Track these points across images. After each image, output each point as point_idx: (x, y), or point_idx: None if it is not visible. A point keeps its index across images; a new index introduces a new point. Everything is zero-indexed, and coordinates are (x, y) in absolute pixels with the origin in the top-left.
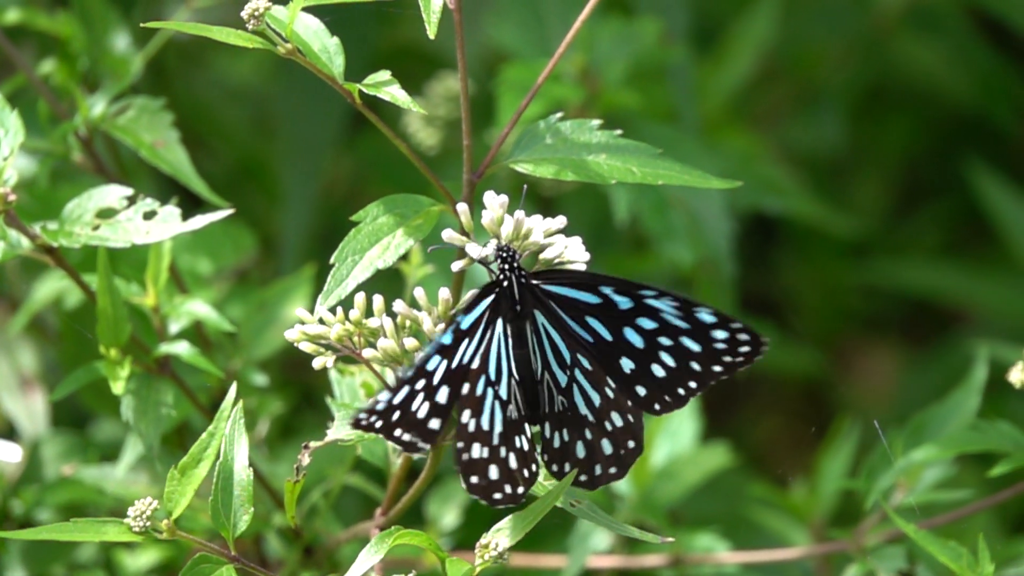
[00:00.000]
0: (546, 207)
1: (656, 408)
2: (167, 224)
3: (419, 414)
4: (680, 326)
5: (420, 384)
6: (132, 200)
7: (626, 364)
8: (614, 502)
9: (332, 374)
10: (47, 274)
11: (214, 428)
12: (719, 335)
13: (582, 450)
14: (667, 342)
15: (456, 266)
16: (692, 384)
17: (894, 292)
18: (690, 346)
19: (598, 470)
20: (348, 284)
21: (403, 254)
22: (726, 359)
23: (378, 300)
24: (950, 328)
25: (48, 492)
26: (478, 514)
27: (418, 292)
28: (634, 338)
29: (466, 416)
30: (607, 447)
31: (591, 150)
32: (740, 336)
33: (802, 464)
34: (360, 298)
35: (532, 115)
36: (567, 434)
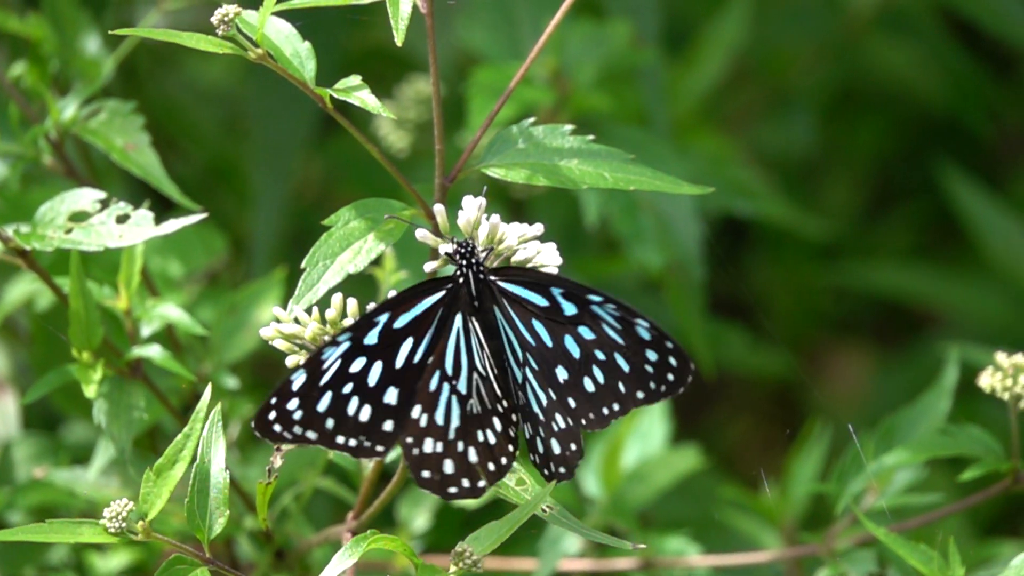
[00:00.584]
0: (517, 210)
1: (583, 423)
2: (140, 228)
3: (361, 417)
4: (616, 341)
5: (347, 388)
6: (105, 204)
7: (561, 373)
8: (584, 505)
9: None
10: (19, 276)
11: (190, 429)
12: (651, 356)
13: (540, 446)
14: (601, 356)
15: (428, 267)
16: (615, 406)
17: (865, 294)
18: (621, 365)
19: (552, 467)
20: (319, 289)
21: (374, 258)
22: (651, 385)
23: (352, 303)
24: (921, 330)
25: (19, 494)
26: (449, 517)
27: (392, 296)
28: (572, 347)
29: (416, 411)
30: (555, 446)
31: (563, 155)
32: (670, 359)
33: (773, 467)
34: (337, 299)
35: (503, 118)
36: (530, 429)
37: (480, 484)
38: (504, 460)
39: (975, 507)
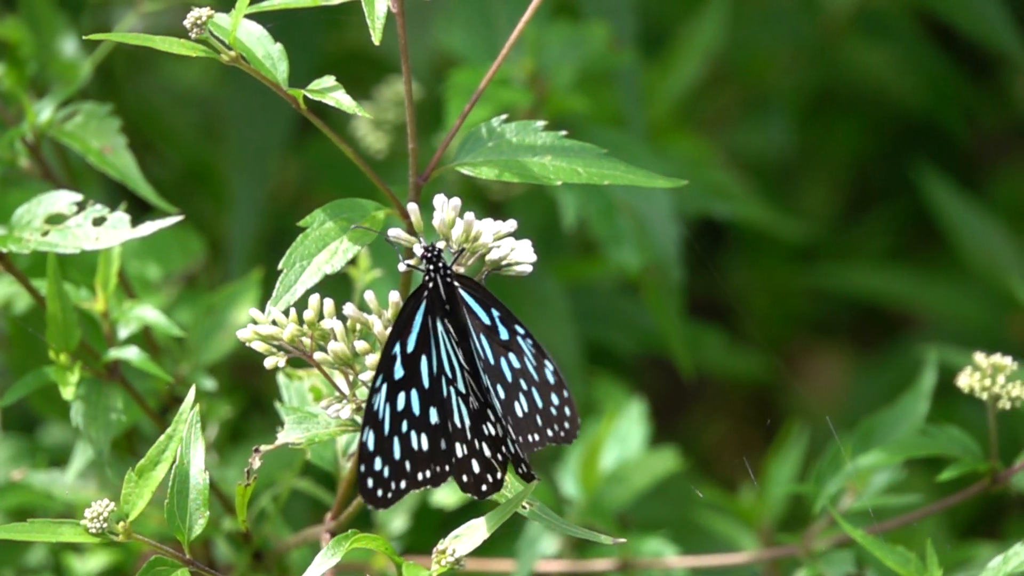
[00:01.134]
0: (495, 211)
1: (490, 477)
2: (116, 230)
3: (423, 447)
4: (533, 376)
5: (405, 425)
6: (81, 206)
7: (500, 391)
8: (563, 506)
9: (280, 378)
10: None
11: (173, 431)
12: (554, 400)
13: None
14: (524, 387)
15: (402, 267)
16: (535, 436)
17: (843, 296)
18: (536, 400)
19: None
20: (297, 290)
21: (351, 259)
22: (555, 427)
23: (328, 303)
24: (899, 332)
25: None
26: (426, 518)
27: (368, 295)
28: (506, 370)
29: (448, 420)
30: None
31: (536, 151)
32: (565, 410)
33: (751, 468)
34: (314, 300)
35: (480, 119)
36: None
37: (499, 476)
38: (505, 448)
39: (953, 509)
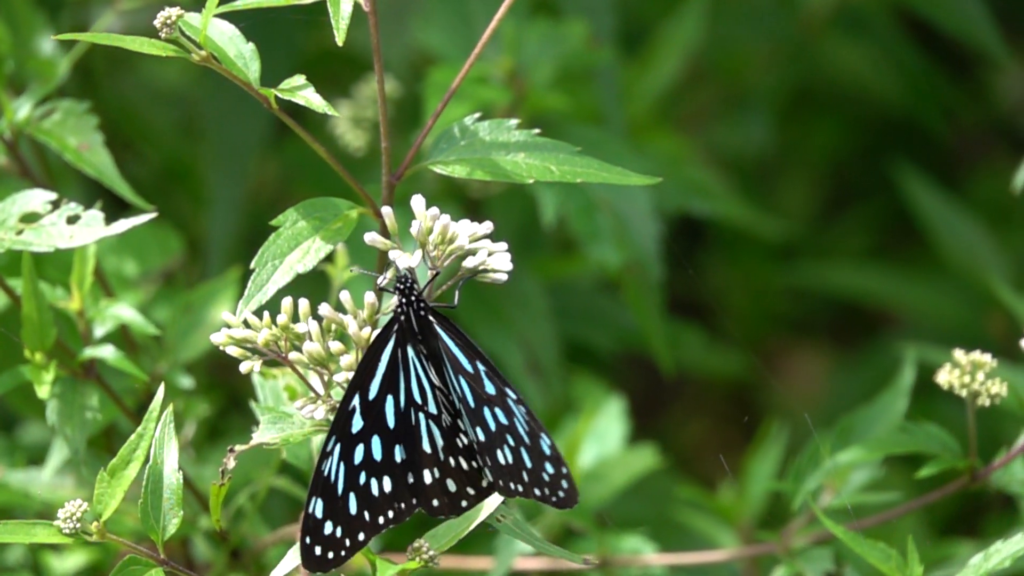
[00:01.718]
0: (474, 209)
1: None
2: (91, 228)
3: (385, 490)
4: (524, 439)
5: (362, 477)
6: (56, 204)
7: (480, 433)
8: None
9: (255, 377)
10: None
11: (143, 429)
12: (549, 468)
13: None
14: (512, 443)
15: (382, 280)
16: (518, 487)
17: (822, 294)
18: (524, 459)
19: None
20: (269, 289)
21: (324, 258)
22: (546, 491)
23: (303, 304)
24: (878, 330)
25: None
26: None
27: (343, 295)
28: (489, 419)
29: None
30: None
31: (509, 149)
32: (562, 482)
33: (730, 466)
34: (287, 303)
35: (457, 117)
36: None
37: (484, 484)
38: (482, 458)
39: (932, 506)
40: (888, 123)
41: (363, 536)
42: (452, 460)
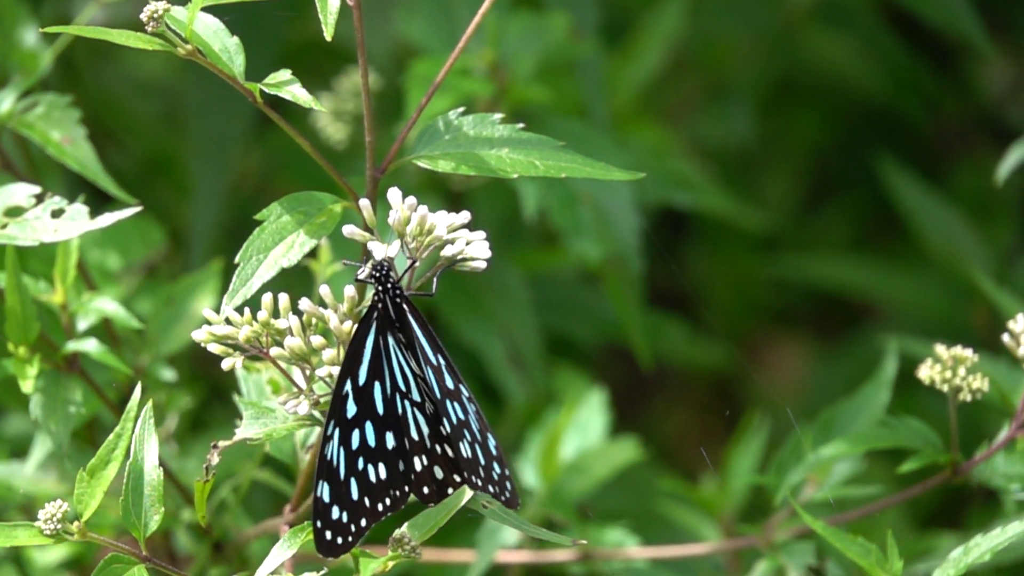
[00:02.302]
0: (456, 201)
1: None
2: (75, 222)
3: (381, 476)
4: (477, 436)
5: (360, 463)
6: (40, 198)
7: (447, 424)
8: (523, 497)
9: (238, 370)
10: None
11: (121, 429)
12: (496, 467)
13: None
14: (468, 437)
15: (362, 274)
16: (473, 478)
17: (804, 286)
18: (479, 456)
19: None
20: (253, 283)
21: (308, 252)
22: (488, 486)
23: (284, 299)
24: (860, 322)
25: None
26: None
27: (323, 290)
28: (452, 412)
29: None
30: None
31: (493, 144)
32: (506, 483)
33: (712, 459)
34: (267, 299)
35: (440, 110)
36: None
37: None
38: (453, 448)
39: (914, 500)
40: (870, 115)
41: (365, 522)
42: (438, 447)
